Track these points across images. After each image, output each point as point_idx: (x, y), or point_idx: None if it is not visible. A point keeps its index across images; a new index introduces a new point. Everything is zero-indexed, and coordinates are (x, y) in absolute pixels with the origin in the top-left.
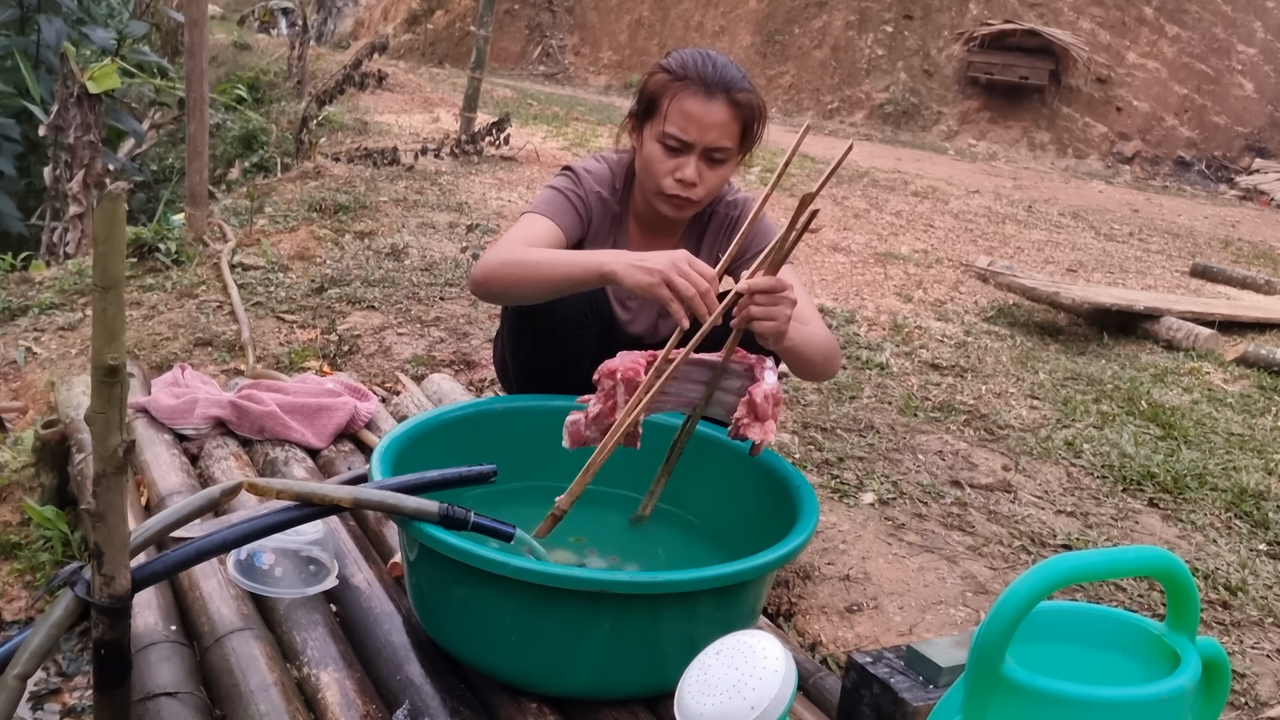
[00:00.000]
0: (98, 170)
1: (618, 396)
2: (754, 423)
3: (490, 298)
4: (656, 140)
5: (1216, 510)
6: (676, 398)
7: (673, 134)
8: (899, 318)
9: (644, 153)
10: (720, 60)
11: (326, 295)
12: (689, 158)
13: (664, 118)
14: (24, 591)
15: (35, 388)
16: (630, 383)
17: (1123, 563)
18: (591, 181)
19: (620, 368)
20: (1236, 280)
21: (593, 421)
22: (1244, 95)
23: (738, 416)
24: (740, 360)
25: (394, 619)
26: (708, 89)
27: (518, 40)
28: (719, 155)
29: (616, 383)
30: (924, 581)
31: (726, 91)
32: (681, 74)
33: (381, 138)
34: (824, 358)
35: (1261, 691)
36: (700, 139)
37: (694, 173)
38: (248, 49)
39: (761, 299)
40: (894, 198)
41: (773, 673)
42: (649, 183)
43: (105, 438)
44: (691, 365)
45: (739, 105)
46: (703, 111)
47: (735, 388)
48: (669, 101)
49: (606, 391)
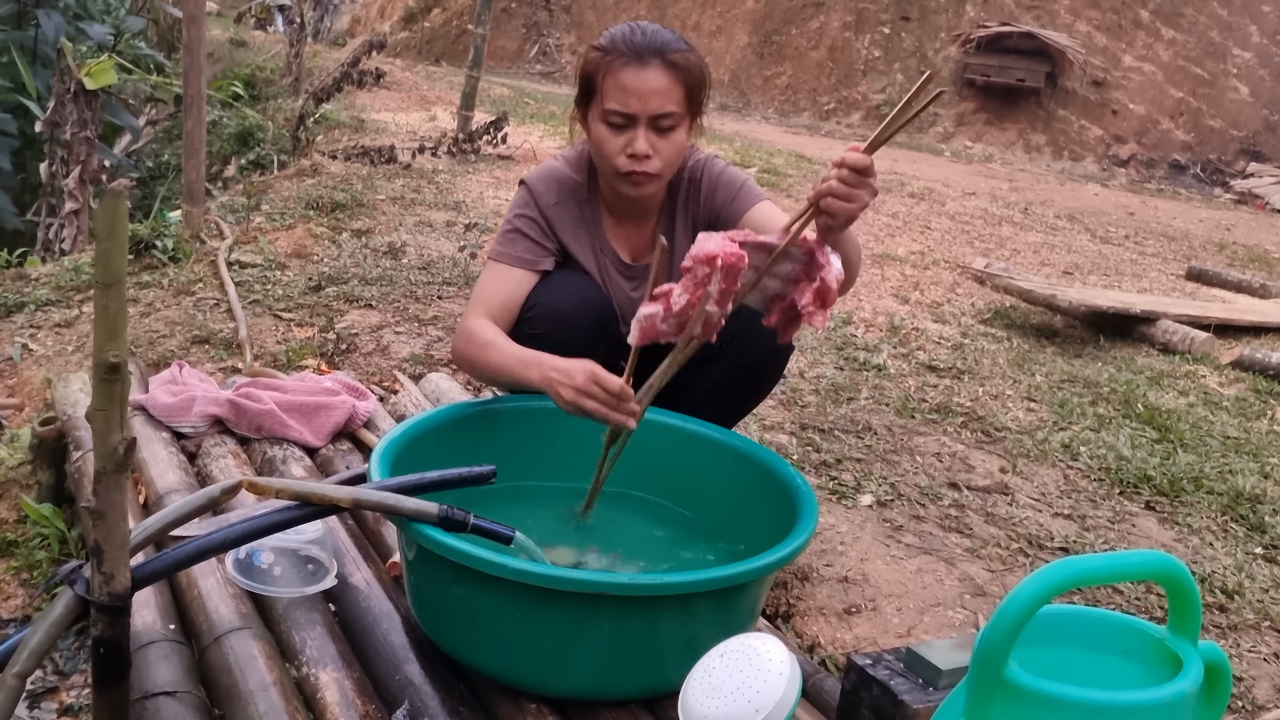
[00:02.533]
0: (94, 166)
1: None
2: (819, 310)
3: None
4: (601, 121)
5: (1213, 513)
6: None
7: (613, 109)
8: (896, 319)
9: (593, 137)
10: (650, 28)
11: (324, 293)
12: (636, 131)
13: (602, 95)
14: (20, 589)
15: (31, 385)
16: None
17: (1126, 566)
18: (547, 194)
19: (720, 253)
20: (1232, 284)
21: (674, 315)
22: (1239, 99)
23: (804, 304)
24: (799, 244)
25: (393, 619)
26: (639, 57)
27: (515, 39)
28: (666, 122)
29: (715, 270)
30: (922, 583)
31: (659, 55)
32: (610, 48)
33: (379, 136)
34: (859, 262)
35: (1259, 695)
36: (643, 109)
37: (644, 144)
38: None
39: (850, 177)
40: (890, 199)
41: (777, 675)
42: (605, 166)
43: (106, 435)
44: (753, 249)
45: (675, 67)
46: (638, 80)
47: (785, 272)
48: (604, 78)
49: (699, 280)
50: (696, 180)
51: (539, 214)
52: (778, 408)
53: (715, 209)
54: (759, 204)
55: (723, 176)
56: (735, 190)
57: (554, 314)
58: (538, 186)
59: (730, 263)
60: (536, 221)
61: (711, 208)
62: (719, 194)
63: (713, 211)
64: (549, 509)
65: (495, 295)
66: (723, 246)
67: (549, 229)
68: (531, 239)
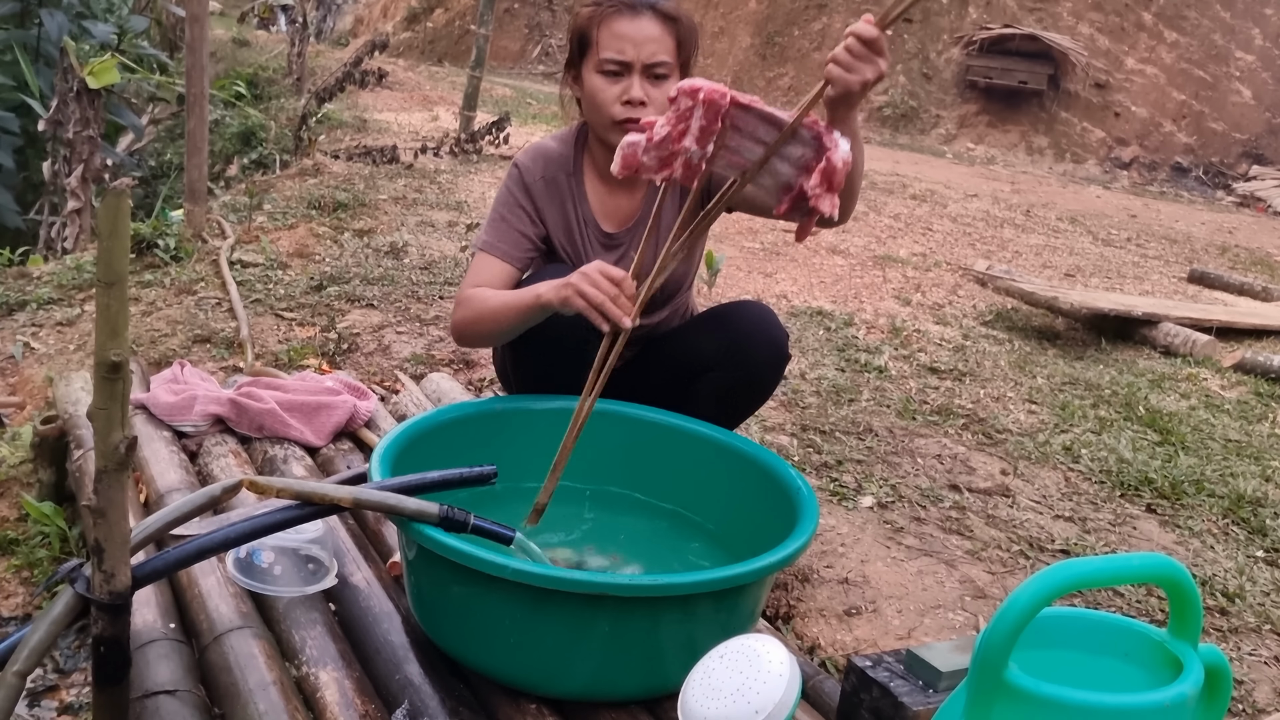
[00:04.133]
0: (96, 165)
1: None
2: (826, 193)
3: (472, 346)
4: (596, 71)
5: (1214, 516)
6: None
7: (609, 58)
8: (897, 321)
9: (587, 90)
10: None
11: (325, 293)
12: (631, 78)
13: (597, 45)
14: (21, 588)
15: (33, 383)
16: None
17: (1127, 569)
18: (534, 168)
19: (704, 88)
20: (1234, 286)
21: (655, 146)
22: (1242, 102)
23: (810, 186)
24: (809, 126)
25: (393, 618)
26: (632, 7)
27: (517, 39)
28: (660, 70)
29: (697, 104)
30: (922, 585)
31: (651, 7)
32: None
33: (381, 135)
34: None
35: (1259, 698)
36: (638, 56)
37: (639, 91)
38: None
39: (856, 47)
40: (892, 201)
41: (777, 677)
42: (599, 119)
43: (107, 434)
44: (761, 121)
45: (667, 18)
46: (633, 28)
47: (795, 156)
48: (599, 29)
49: (681, 112)
50: None
51: (525, 193)
52: (779, 409)
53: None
54: None
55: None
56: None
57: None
58: (525, 163)
59: (712, 99)
60: (521, 206)
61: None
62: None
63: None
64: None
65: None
66: (707, 82)
67: (534, 207)
68: (517, 230)
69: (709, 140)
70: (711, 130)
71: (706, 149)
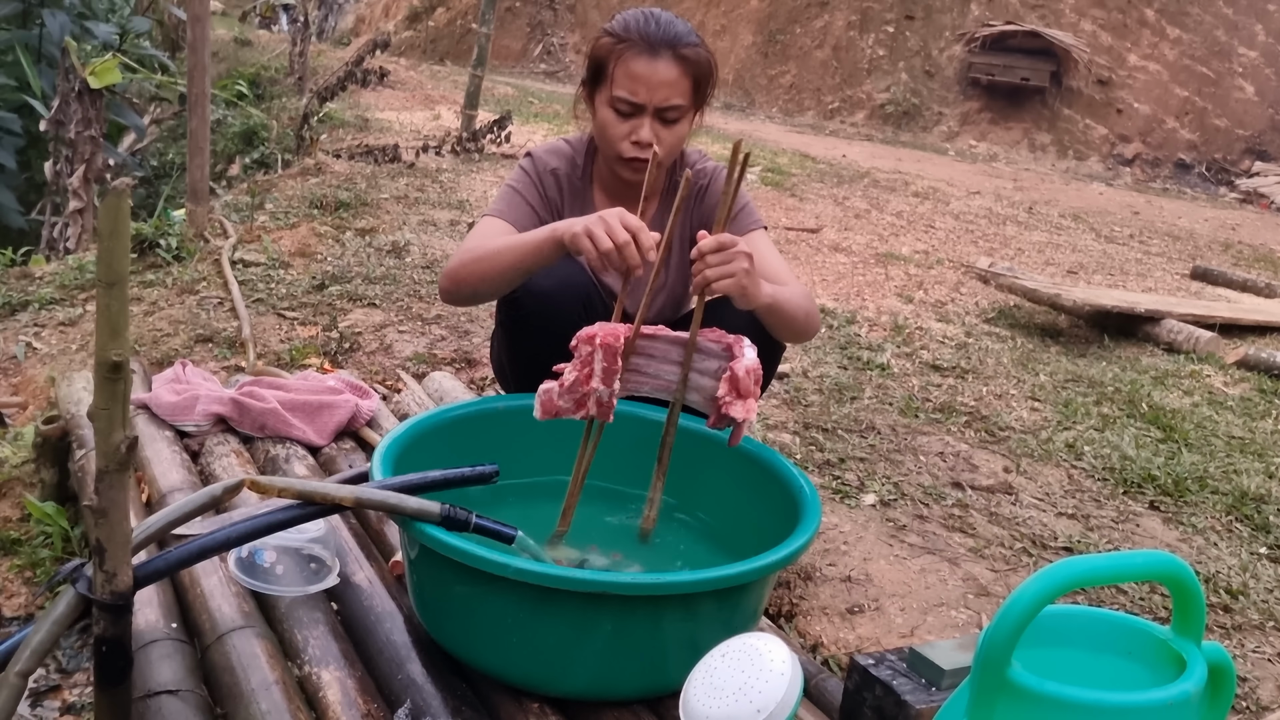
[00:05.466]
0: (98, 165)
1: (595, 364)
2: (736, 400)
3: (462, 300)
4: (608, 105)
5: (1217, 514)
6: (654, 379)
7: (622, 97)
8: (900, 318)
9: (598, 120)
10: (664, 17)
11: (327, 292)
12: (642, 119)
13: (611, 82)
14: (24, 588)
15: (35, 383)
16: (609, 349)
17: (1130, 567)
18: (547, 160)
19: (600, 334)
20: (1237, 283)
21: (567, 391)
22: (1244, 98)
23: (720, 395)
24: (716, 340)
25: (395, 618)
26: (651, 48)
27: (519, 38)
28: (672, 114)
29: (595, 349)
30: (925, 583)
31: (672, 48)
32: (624, 35)
33: (382, 135)
34: (805, 314)
35: (1263, 695)
36: (650, 99)
37: (649, 134)
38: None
39: (713, 259)
40: (894, 198)
41: (779, 675)
42: (607, 149)
43: (108, 434)
44: (667, 344)
45: (686, 61)
46: (649, 71)
47: (713, 370)
48: (615, 64)
49: (584, 358)
50: (704, 186)
51: (538, 178)
52: (781, 407)
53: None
54: (750, 234)
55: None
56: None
57: (540, 295)
58: (540, 153)
59: (607, 343)
60: (535, 187)
61: (706, 221)
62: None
63: (706, 224)
64: (551, 508)
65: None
66: (602, 329)
67: (544, 193)
68: (524, 200)
69: (613, 379)
70: (614, 370)
71: (613, 386)
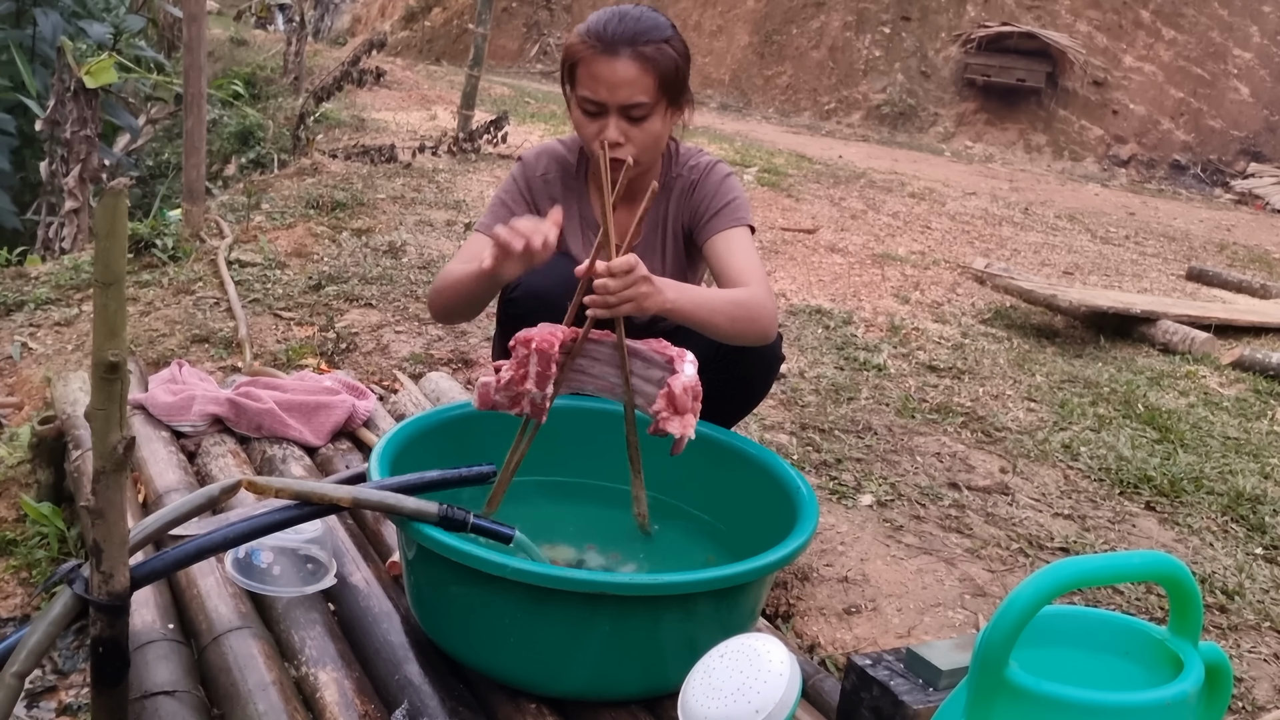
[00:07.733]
0: (94, 165)
1: (530, 366)
2: (673, 416)
3: (449, 320)
4: (577, 106)
5: (1213, 514)
6: (597, 380)
7: (585, 97)
8: (896, 319)
9: (573, 120)
10: (633, 14)
11: (324, 292)
12: (608, 119)
13: (577, 82)
14: (19, 588)
15: (31, 383)
16: (544, 354)
17: (1127, 567)
18: (536, 165)
19: (536, 338)
20: (1232, 284)
21: (503, 388)
22: (1240, 99)
23: (656, 410)
24: (660, 352)
25: (392, 618)
26: (609, 47)
27: (515, 38)
28: (637, 112)
29: (530, 352)
30: (922, 583)
31: (630, 45)
32: (586, 35)
33: (379, 135)
34: (728, 320)
35: (1259, 695)
36: (611, 98)
37: (616, 133)
38: (245, 45)
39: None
40: (891, 199)
41: (777, 676)
42: (586, 148)
43: (105, 434)
44: (611, 349)
45: (645, 58)
46: (608, 71)
47: (656, 379)
48: (579, 65)
49: (520, 360)
50: (695, 182)
51: (526, 186)
52: (778, 407)
53: (696, 218)
54: (729, 231)
55: (720, 187)
56: (718, 207)
57: (536, 294)
58: (529, 159)
59: (543, 349)
60: (522, 195)
61: (695, 215)
62: (704, 204)
63: (694, 220)
64: (550, 508)
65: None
66: (540, 332)
67: (533, 202)
68: (511, 211)
69: (547, 383)
70: (547, 375)
71: (546, 390)
